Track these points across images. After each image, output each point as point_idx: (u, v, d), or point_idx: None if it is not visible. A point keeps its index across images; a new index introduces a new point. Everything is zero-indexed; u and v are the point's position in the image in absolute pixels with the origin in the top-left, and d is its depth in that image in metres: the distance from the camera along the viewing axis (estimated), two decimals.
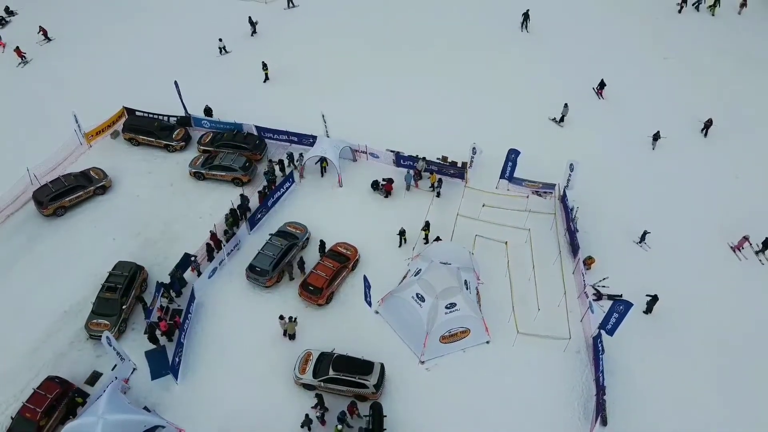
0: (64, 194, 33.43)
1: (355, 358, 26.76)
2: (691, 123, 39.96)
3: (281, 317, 28.43)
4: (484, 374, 27.69)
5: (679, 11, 50.57)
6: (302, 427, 25.05)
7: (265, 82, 42.60)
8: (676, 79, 44.09)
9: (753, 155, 38.27)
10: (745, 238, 32.64)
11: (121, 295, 28.56)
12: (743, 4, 49.90)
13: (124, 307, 28.43)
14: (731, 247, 32.95)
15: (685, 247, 32.81)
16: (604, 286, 31.12)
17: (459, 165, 35.93)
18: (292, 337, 28.49)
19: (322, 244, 31.65)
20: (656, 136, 37.87)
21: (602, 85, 42.44)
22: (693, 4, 50.64)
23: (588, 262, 31.26)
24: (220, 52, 45.74)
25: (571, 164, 33.00)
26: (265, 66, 42.36)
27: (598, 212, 34.15)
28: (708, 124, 38.67)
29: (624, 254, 32.44)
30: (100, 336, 26.50)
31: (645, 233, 32.45)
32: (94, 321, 27.94)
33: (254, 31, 47.40)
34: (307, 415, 25.07)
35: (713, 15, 50.24)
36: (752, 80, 43.89)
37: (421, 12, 50.40)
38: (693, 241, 33.24)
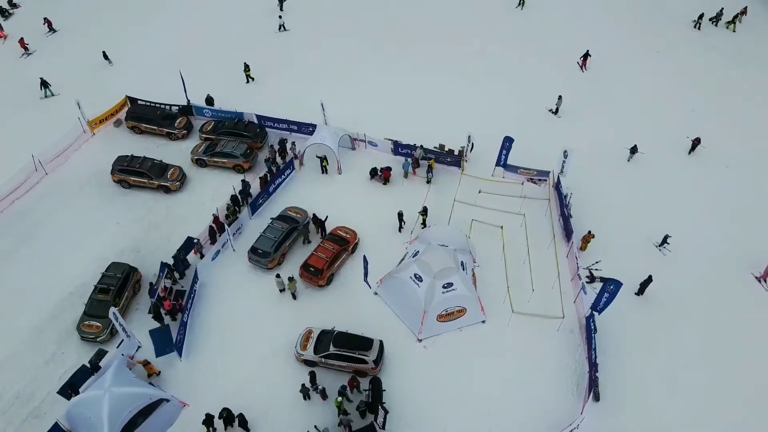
0: (133, 173, 34.36)
1: (355, 334, 27.52)
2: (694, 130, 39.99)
3: (278, 276, 29.51)
4: (479, 352, 28.49)
5: (697, 27, 49.58)
6: (301, 393, 25.89)
7: (248, 83, 42.94)
8: (676, 82, 44.77)
9: None
10: None
11: (114, 296, 28.42)
12: (742, 12, 49.55)
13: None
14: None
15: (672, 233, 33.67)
16: (597, 269, 31.93)
17: (456, 153, 36.71)
18: (294, 296, 29.54)
19: (316, 219, 32.78)
20: (633, 150, 37.46)
21: (586, 56, 43.51)
22: (710, 20, 49.64)
23: (587, 237, 32.11)
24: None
25: (565, 151, 33.84)
26: (247, 67, 42.76)
27: (591, 200, 34.93)
28: (696, 142, 37.96)
29: (620, 241, 33.25)
30: (92, 338, 27.19)
31: (666, 237, 32.56)
32: (86, 323, 27.87)
33: (282, 26, 48.50)
34: (303, 385, 25.88)
35: (734, 31, 49.35)
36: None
37: (418, 3, 51.21)
38: (675, 224, 34.04)
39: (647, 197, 35.76)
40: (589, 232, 32.35)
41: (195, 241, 31.44)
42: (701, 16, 49.29)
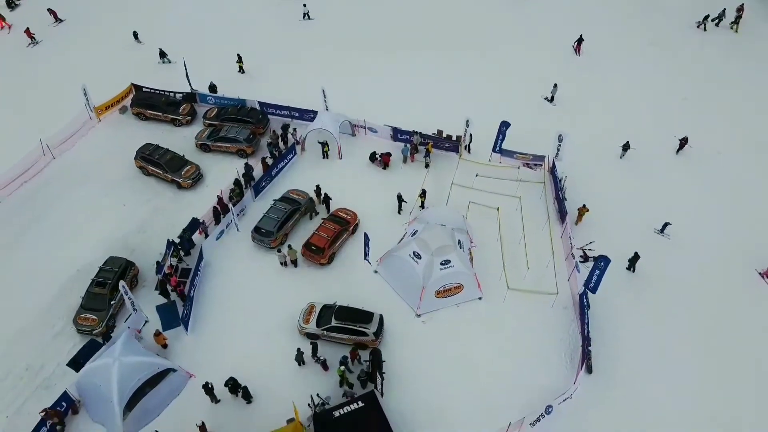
0: (151, 163, 35.25)
1: (356, 308, 28.44)
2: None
3: (278, 250, 30.67)
4: (476, 327, 29.37)
5: (702, 28, 49.49)
6: (296, 360, 26.90)
7: (240, 72, 43.70)
8: (669, 73, 45.64)
9: None
10: None
11: (111, 290, 28.66)
12: (738, 11, 48.94)
13: (112, 302, 28.64)
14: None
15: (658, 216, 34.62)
16: (590, 249, 32.82)
17: (454, 139, 37.63)
18: (294, 263, 30.74)
19: (318, 190, 34.17)
20: (626, 147, 37.65)
21: (580, 41, 44.60)
22: (713, 20, 49.45)
23: (581, 210, 33.31)
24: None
25: (560, 135, 34.80)
26: (240, 59, 43.60)
27: (585, 184, 35.85)
28: (683, 142, 38.06)
29: (614, 222, 34.11)
30: (88, 331, 27.61)
31: (665, 224, 33.33)
32: (82, 315, 28.12)
33: (307, 14, 49.73)
34: (298, 349, 26.87)
35: (736, 32, 49.05)
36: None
37: None
38: (662, 205, 35.04)
39: (641, 182, 36.49)
40: (584, 205, 33.36)
41: (200, 221, 32.32)
42: (706, 18, 49.26)
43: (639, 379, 27.73)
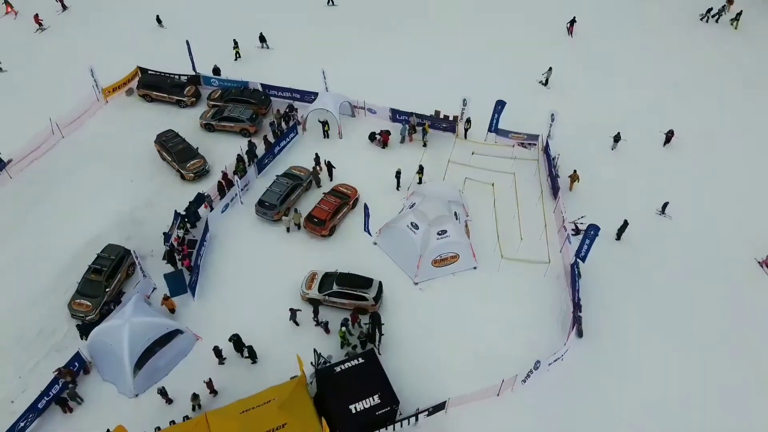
0: (164, 148, 36.00)
1: (356, 274, 29.65)
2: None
3: (285, 214, 32.11)
4: (471, 294, 30.58)
5: (704, 20, 50.52)
6: (291, 320, 28.25)
7: (236, 59, 44.64)
8: (660, 59, 46.86)
9: None
10: None
11: (106, 277, 29.06)
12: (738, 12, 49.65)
13: (107, 289, 28.99)
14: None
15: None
16: (582, 223, 33.96)
17: (451, 119, 38.81)
18: (298, 226, 32.54)
19: (317, 158, 35.90)
20: (617, 138, 38.25)
21: (573, 22, 46.15)
22: (713, 16, 50.29)
23: (573, 176, 34.80)
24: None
25: (552, 114, 36.03)
26: (236, 44, 44.64)
27: (578, 164, 36.88)
28: (669, 135, 38.73)
29: (606, 196, 35.51)
30: (82, 316, 28.28)
31: (665, 204, 34.38)
32: (77, 301, 28.49)
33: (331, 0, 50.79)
34: (291, 309, 28.23)
35: (736, 29, 49.66)
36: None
37: None
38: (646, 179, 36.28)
39: (632, 166, 37.75)
40: (575, 171, 34.67)
41: (205, 195, 33.48)
42: (710, 11, 50.09)
43: (627, 344, 29.02)
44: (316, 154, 35.89)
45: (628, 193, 35.90)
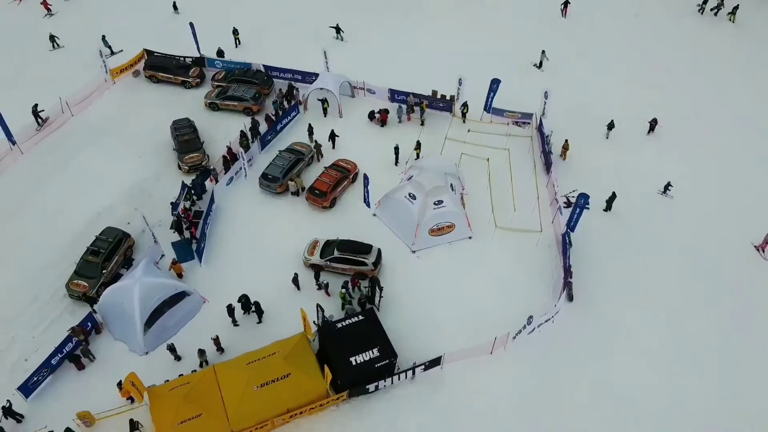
0: (173, 136, 36.79)
1: (356, 241, 30.98)
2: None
3: (291, 180, 33.68)
4: (466, 262, 31.89)
5: (700, 11, 51.37)
6: (292, 283, 29.61)
7: (237, 47, 45.73)
8: (651, 43, 48.27)
9: None
10: None
11: (104, 259, 29.66)
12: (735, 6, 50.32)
13: (104, 271, 29.54)
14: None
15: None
16: (573, 197, 35.23)
17: (448, 98, 40.11)
18: (302, 189, 34.43)
19: (311, 128, 37.46)
20: (610, 126, 38.89)
21: (566, 3, 47.73)
22: (711, 10, 50.87)
23: (565, 146, 36.29)
24: None
25: (546, 92, 37.37)
26: (235, 31, 45.74)
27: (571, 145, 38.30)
28: (653, 123, 39.39)
29: (598, 175, 36.76)
30: (79, 296, 29.12)
31: (668, 184, 35.50)
32: (75, 281, 29.09)
33: None
34: (295, 275, 29.54)
35: (733, 22, 50.47)
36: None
37: None
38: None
39: (624, 145, 39.01)
40: (566, 141, 36.12)
41: (211, 169, 34.76)
42: (705, 2, 51.02)
43: (616, 309, 30.26)
44: (309, 125, 37.41)
45: (620, 171, 37.03)
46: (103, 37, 43.47)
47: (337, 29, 46.16)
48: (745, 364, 28.35)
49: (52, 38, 44.83)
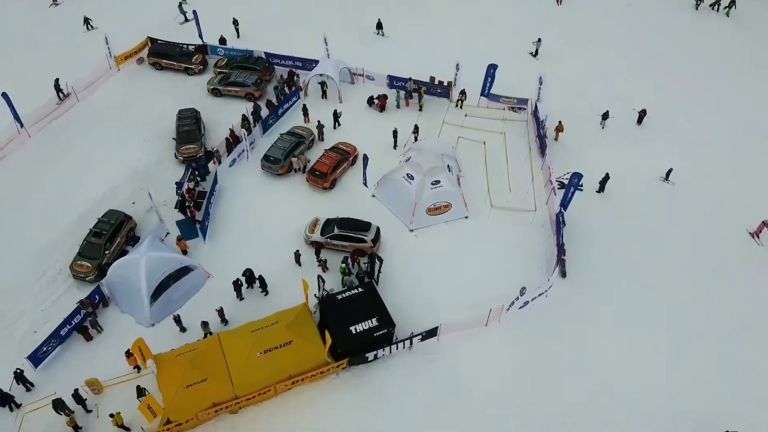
0: (176, 125, 37.38)
1: (356, 219, 31.92)
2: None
3: (294, 156, 34.89)
4: (462, 241, 32.83)
5: (696, 7, 52.07)
6: (296, 261, 30.62)
7: (238, 38, 46.37)
8: (644, 32, 49.22)
9: None
10: None
11: (106, 241, 30.50)
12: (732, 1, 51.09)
13: (106, 252, 30.36)
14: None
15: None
16: (567, 179, 36.15)
17: (445, 84, 41.03)
18: (305, 168, 35.54)
19: (305, 109, 38.76)
20: (605, 116, 39.49)
21: None
22: (711, 5, 51.52)
23: (558, 127, 37.34)
24: None
25: (540, 77, 38.27)
26: (236, 22, 46.49)
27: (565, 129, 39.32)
28: (642, 114, 39.96)
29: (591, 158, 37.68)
30: (82, 277, 29.96)
31: (669, 170, 36.42)
32: (78, 262, 29.95)
33: None
34: (297, 251, 30.35)
35: (728, 16, 51.25)
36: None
37: None
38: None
39: (618, 133, 39.73)
40: (560, 122, 36.94)
41: (214, 151, 35.67)
42: None
43: (607, 286, 31.27)
44: (304, 106, 38.75)
45: (613, 157, 37.68)
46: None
47: (379, 25, 46.65)
48: (732, 338, 29.38)
49: (86, 20, 46.39)
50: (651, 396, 27.06)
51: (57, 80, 38.91)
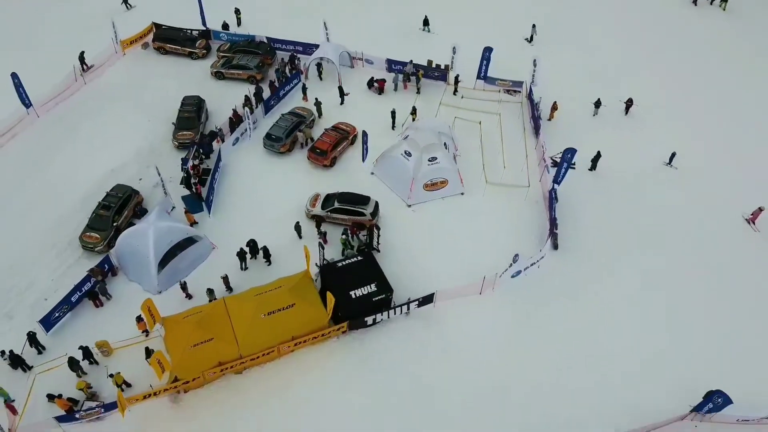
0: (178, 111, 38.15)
1: (355, 193, 33.07)
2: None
3: (299, 131, 36.11)
4: (458, 216, 33.94)
5: (694, 3, 52.82)
6: (295, 231, 31.70)
7: (239, 26, 47.39)
8: (639, 19, 50.47)
9: None
10: None
11: (114, 213, 31.66)
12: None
13: (115, 224, 31.47)
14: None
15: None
16: (560, 158, 37.29)
17: (443, 68, 42.14)
18: (309, 140, 36.89)
19: (304, 87, 40.49)
20: (597, 104, 40.04)
21: None
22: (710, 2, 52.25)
23: (554, 106, 38.55)
24: None
25: (534, 60, 39.41)
26: (237, 11, 47.48)
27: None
28: (629, 103, 40.53)
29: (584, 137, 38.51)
30: (91, 247, 31.02)
31: (673, 155, 37.23)
32: (87, 234, 31.06)
33: None
34: (297, 222, 31.53)
35: (724, 10, 51.92)
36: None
37: None
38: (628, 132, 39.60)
39: (612, 121, 40.73)
40: (555, 102, 38.22)
41: (217, 130, 36.79)
42: None
43: (597, 259, 32.31)
44: (303, 84, 40.53)
45: (605, 142, 38.62)
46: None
47: (426, 22, 47.33)
48: (720, 315, 30.20)
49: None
50: (645, 360, 28.13)
51: (82, 53, 40.70)
